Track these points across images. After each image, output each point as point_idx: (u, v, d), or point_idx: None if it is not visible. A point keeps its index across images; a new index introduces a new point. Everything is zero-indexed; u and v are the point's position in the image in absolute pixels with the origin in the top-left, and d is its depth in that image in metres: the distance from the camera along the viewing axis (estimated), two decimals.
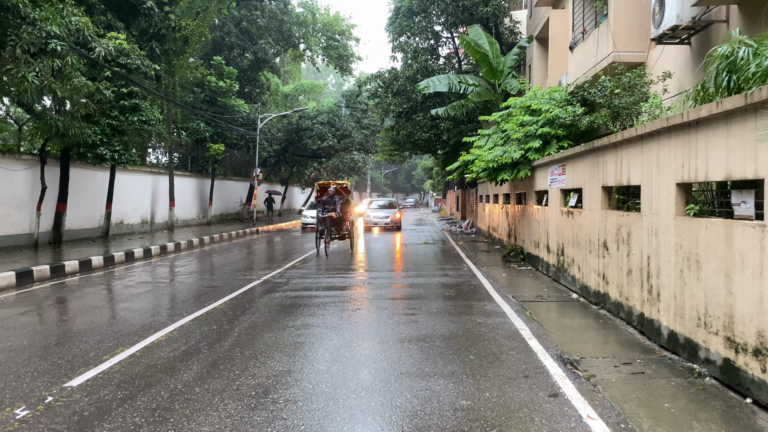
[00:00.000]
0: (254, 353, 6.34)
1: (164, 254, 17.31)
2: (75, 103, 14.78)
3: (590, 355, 6.28)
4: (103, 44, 14.96)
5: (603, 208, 8.58)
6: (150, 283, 11.48)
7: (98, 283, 11.53)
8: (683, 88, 9.40)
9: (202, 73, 28.24)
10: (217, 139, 29.02)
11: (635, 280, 7.25)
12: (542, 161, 12.47)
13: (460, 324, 7.73)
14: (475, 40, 19.64)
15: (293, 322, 7.87)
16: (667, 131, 6.26)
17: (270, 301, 9.57)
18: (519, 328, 7.46)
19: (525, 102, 13.76)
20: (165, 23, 21.40)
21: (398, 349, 6.49)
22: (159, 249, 17.46)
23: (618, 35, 10.90)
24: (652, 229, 6.70)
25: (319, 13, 40.74)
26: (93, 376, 5.54)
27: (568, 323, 7.80)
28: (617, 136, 7.72)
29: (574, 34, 13.90)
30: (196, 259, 15.93)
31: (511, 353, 6.32)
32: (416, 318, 8.10)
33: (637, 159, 7.15)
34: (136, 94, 18.23)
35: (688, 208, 5.85)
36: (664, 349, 6.37)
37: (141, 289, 10.81)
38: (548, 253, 12.05)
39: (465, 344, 6.69)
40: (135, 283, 11.60)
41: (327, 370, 5.75)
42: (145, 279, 12.16)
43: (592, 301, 9.07)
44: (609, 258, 8.24)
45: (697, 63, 9.01)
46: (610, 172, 8.21)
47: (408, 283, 11.44)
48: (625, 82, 8.68)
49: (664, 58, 10.02)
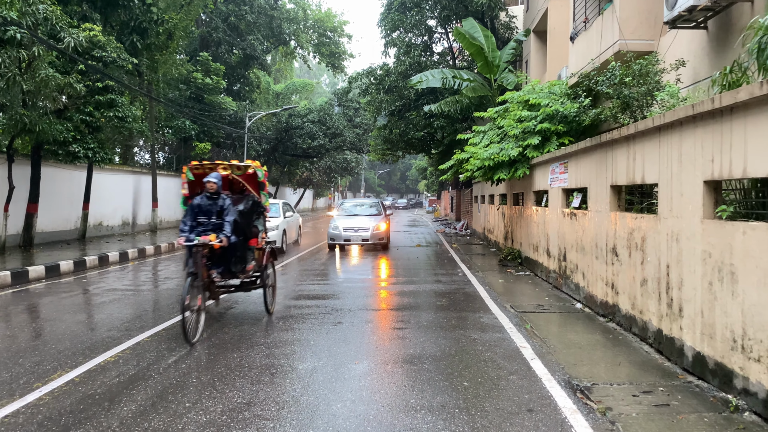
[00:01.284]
0: (212, 379, 5.43)
1: (142, 258, 16.36)
2: (44, 97, 13.82)
3: (603, 380, 5.41)
4: (73, 34, 14.00)
5: (612, 209, 7.72)
6: (118, 291, 10.55)
7: (62, 291, 10.58)
8: (698, 77, 8.56)
9: (188, 70, 27.26)
10: (203, 138, 28.06)
11: (651, 291, 6.39)
12: (542, 159, 11.62)
13: (452, 341, 6.84)
14: (470, 32, 18.79)
15: (264, 339, 6.97)
16: (692, 121, 5.40)
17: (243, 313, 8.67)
18: (519, 346, 6.58)
19: (523, 96, 12.91)
20: (147, 16, 20.43)
21: (381, 374, 5.60)
22: (137, 252, 16.50)
23: (625, 22, 10.06)
24: (672, 233, 5.84)
25: (310, 9, 39.82)
26: (12, 412, 4.62)
27: (574, 339, 6.93)
28: (629, 129, 6.86)
29: (575, 24, 13.06)
30: (174, 264, 14.99)
31: (511, 379, 5.44)
32: (404, 333, 7.21)
33: (654, 154, 6.29)
34: (113, 89, 17.27)
35: (719, 209, 4.99)
36: (689, 372, 5.50)
37: (106, 297, 9.88)
38: (548, 257, 11.19)
39: (458, 367, 5.80)
40: (102, 291, 10.66)
41: (295, 401, 4.85)
42: (114, 286, 11.23)
43: (599, 312, 8.21)
44: (619, 265, 7.38)
45: (714, 49, 8.16)
46: (620, 170, 7.35)
47: (397, 290, 10.54)
48: (635, 70, 7.83)
49: (676, 46, 9.19)
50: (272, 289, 8.65)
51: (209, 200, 7.24)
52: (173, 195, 27.38)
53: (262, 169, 8.31)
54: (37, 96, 13.52)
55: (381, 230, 17.53)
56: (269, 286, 8.44)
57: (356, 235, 17.14)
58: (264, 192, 8.41)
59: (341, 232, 17.29)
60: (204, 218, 7.22)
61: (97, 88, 16.65)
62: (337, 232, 17.40)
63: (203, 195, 7.27)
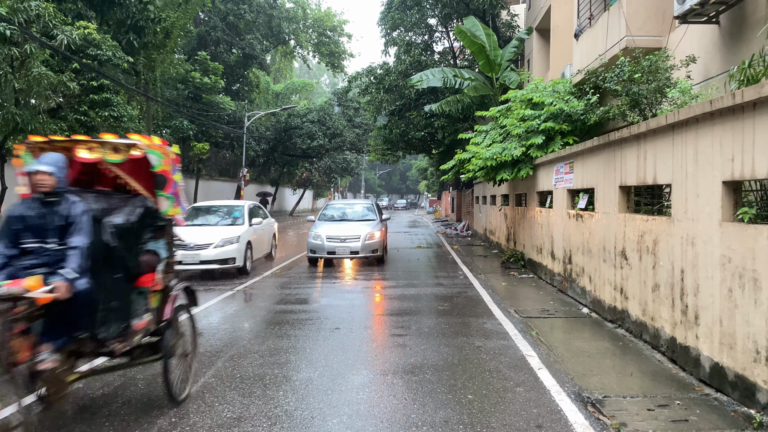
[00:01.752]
0: (201, 391, 5.13)
1: None
2: (36, 96, 13.53)
3: (615, 392, 5.10)
4: (66, 32, 13.70)
5: (621, 211, 7.41)
6: None
7: None
8: (709, 74, 8.26)
9: (186, 69, 26.96)
10: (201, 138, 27.75)
11: (664, 297, 6.09)
12: (546, 159, 11.31)
13: (455, 348, 6.54)
14: (471, 30, 18.49)
15: (259, 346, 6.66)
16: (709, 118, 5.10)
17: (236, 315, 8.37)
18: (525, 354, 6.27)
19: (526, 95, 12.62)
20: (143, 14, 20.13)
21: (380, 386, 5.30)
22: None
23: (632, 17, 9.74)
24: (687, 237, 5.54)
25: (309, 8, 39.53)
26: None
27: (582, 347, 6.62)
28: (640, 127, 6.56)
29: (579, 21, 12.75)
30: None
31: (518, 391, 5.14)
32: (404, 341, 6.90)
33: (667, 152, 5.99)
34: (108, 88, 16.97)
35: (740, 212, 4.69)
36: (706, 384, 5.20)
37: None
38: (553, 260, 10.89)
39: (462, 378, 5.50)
40: None
41: (288, 416, 4.55)
42: None
43: (606, 317, 7.90)
44: (629, 269, 7.07)
45: (726, 45, 7.86)
46: (630, 170, 7.05)
47: (397, 294, 10.24)
48: (645, 66, 7.52)
49: (686, 42, 8.88)
50: (186, 359, 5.08)
51: (43, 207, 3.98)
52: None
53: (163, 151, 4.76)
54: (30, 94, 13.22)
55: (375, 239, 13.90)
56: (179, 355, 4.90)
57: (343, 247, 13.50)
58: (166, 193, 4.83)
59: (324, 242, 13.57)
60: (33, 241, 3.94)
61: (91, 87, 16.35)
62: (318, 242, 13.69)
63: (31, 199, 4.04)
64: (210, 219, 13.24)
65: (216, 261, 11.56)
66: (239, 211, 13.46)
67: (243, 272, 12.35)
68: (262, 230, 14.03)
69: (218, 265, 11.65)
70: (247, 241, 12.47)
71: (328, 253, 13.60)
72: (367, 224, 14.53)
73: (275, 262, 14.97)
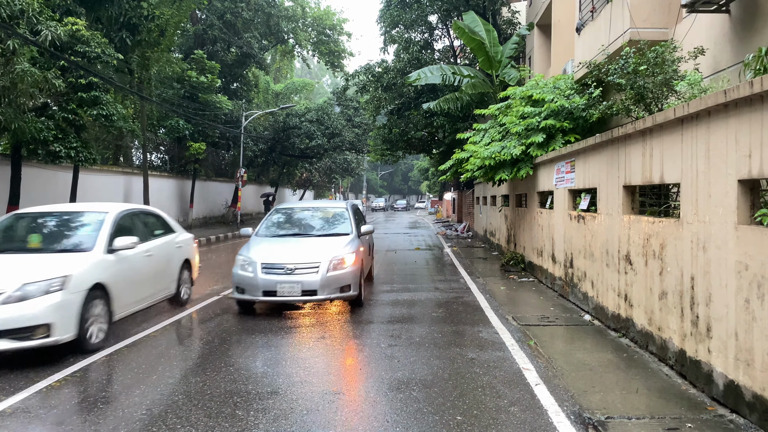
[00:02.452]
0: (161, 414, 4.66)
1: None
2: (20, 94, 13.09)
3: (619, 411, 4.64)
4: (51, 27, 13.26)
5: (625, 212, 6.94)
6: None
7: None
8: (719, 67, 7.77)
9: (182, 68, 26.51)
10: (198, 138, 27.29)
11: (672, 306, 5.61)
12: (546, 158, 10.84)
13: (447, 361, 6.07)
14: (470, 26, 18.01)
15: (234, 360, 6.20)
16: (723, 110, 4.63)
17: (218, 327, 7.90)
18: (522, 368, 5.80)
19: (526, 91, 12.13)
20: (137, 11, 19.69)
21: (361, 405, 4.84)
22: None
23: (636, 9, 9.26)
24: (698, 240, 5.07)
25: (308, 6, 39.07)
26: None
27: (583, 359, 6.14)
28: (646, 122, 6.09)
29: (581, 14, 12.27)
30: None
31: (512, 411, 4.67)
32: (393, 352, 6.44)
33: (675, 149, 5.52)
34: (97, 86, 16.54)
35: (759, 214, 4.21)
36: (719, 403, 4.72)
37: None
38: (554, 263, 10.41)
39: (451, 395, 5.03)
40: None
41: None
42: None
43: (610, 326, 7.43)
44: (633, 275, 6.60)
45: (738, 35, 7.38)
46: (635, 168, 6.57)
47: (390, 299, 9.76)
48: (651, 58, 7.05)
49: (693, 33, 8.39)
50: None
51: None
52: (166, 196, 26.72)
53: None
54: (13, 92, 12.79)
55: (345, 269, 8.45)
56: None
57: (290, 283, 8.12)
58: None
59: (257, 274, 8.20)
60: None
61: (80, 85, 15.92)
62: (248, 273, 8.29)
63: None
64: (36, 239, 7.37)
65: None
66: (90, 224, 7.44)
67: (82, 348, 6.30)
68: (148, 259, 7.91)
69: (9, 342, 5.75)
70: (95, 283, 6.54)
71: (264, 293, 8.10)
72: (333, 242, 8.94)
73: (188, 305, 9.13)
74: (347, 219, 9.95)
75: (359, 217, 10.97)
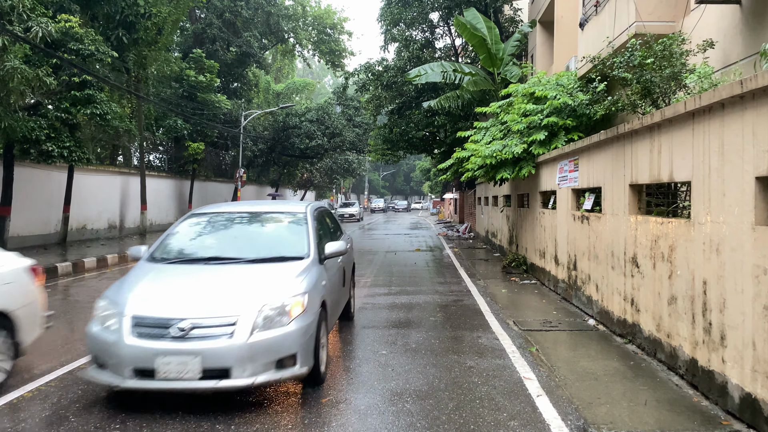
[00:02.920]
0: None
1: (124, 263, 15.32)
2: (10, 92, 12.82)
3: (627, 426, 4.31)
4: (42, 24, 12.99)
5: (631, 212, 6.61)
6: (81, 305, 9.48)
7: None
8: (729, 60, 7.46)
9: (180, 67, 26.23)
10: (196, 138, 27.02)
11: (682, 312, 5.28)
12: (549, 156, 10.52)
13: (444, 369, 5.75)
14: (471, 23, 17.70)
15: None
16: (739, 101, 4.30)
17: None
18: (523, 377, 5.48)
19: (528, 89, 11.81)
20: (133, 9, 19.44)
21: (349, 418, 4.52)
22: (117, 258, 15.47)
23: (642, 1, 8.94)
24: (711, 243, 4.74)
25: (309, 5, 38.75)
26: None
27: (587, 367, 5.81)
28: (653, 116, 5.76)
29: (584, 9, 11.95)
30: None
31: (512, 425, 4.35)
32: (386, 359, 6.12)
33: (686, 145, 5.19)
34: (91, 84, 16.26)
35: None
36: (734, 417, 4.39)
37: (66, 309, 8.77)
38: (556, 265, 10.09)
39: (447, 409, 4.70)
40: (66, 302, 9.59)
41: None
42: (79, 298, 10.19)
43: (615, 331, 7.10)
44: (640, 278, 6.27)
45: (749, 26, 7.06)
46: (642, 166, 6.24)
47: (388, 303, 9.44)
48: (658, 51, 6.72)
49: (702, 26, 8.07)
50: None
51: None
52: (164, 197, 26.44)
53: None
54: (2, 90, 12.52)
55: (287, 326, 4.70)
56: None
57: (179, 355, 4.40)
58: None
59: (122, 336, 4.53)
60: None
61: (73, 83, 15.65)
62: (108, 336, 4.61)
63: None
64: None
65: None
66: None
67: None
68: None
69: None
70: None
71: (135, 372, 4.45)
72: (273, 274, 5.30)
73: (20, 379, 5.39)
74: (303, 233, 6.10)
75: (326, 228, 7.13)
